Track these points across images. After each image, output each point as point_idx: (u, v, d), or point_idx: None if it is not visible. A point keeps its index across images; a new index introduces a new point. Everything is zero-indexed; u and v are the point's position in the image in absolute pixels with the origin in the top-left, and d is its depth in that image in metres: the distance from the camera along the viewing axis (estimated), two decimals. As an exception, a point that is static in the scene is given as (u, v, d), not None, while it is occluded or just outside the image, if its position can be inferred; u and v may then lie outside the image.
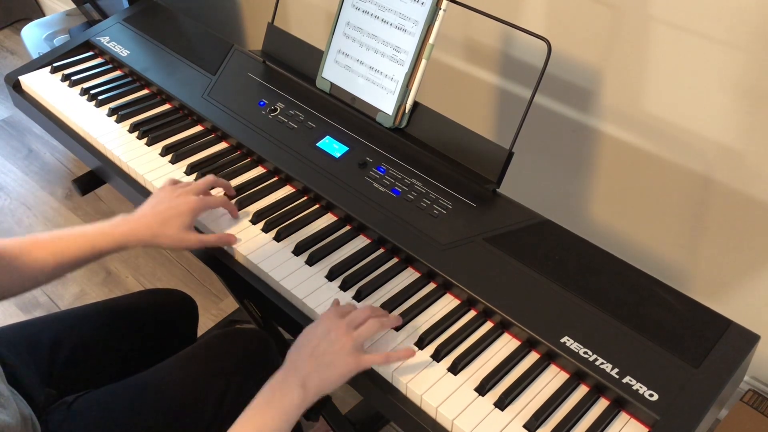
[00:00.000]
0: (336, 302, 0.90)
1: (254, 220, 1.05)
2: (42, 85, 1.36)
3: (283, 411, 0.78)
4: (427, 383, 0.82)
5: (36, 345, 1.03)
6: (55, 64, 1.40)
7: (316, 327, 0.84)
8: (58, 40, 2.35)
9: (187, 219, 0.97)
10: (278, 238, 1.01)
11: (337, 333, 0.82)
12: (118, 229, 0.95)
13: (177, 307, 1.23)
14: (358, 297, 0.92)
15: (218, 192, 1.09)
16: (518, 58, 1.50)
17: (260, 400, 0.79)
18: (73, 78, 1.36)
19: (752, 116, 1.20)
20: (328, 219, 1.05)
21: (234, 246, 1.00)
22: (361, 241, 1.02)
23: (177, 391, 1.00)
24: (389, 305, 0.91)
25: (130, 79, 1.38)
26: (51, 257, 0.91)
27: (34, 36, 2.37)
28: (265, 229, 1.03)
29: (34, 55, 2.31)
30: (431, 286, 0.95)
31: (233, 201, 1.07)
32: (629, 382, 0.79)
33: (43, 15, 3.12)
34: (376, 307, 0.89)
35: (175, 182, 1.05)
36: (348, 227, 1.04)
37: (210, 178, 1.06)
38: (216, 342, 1.08)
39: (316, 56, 1.23)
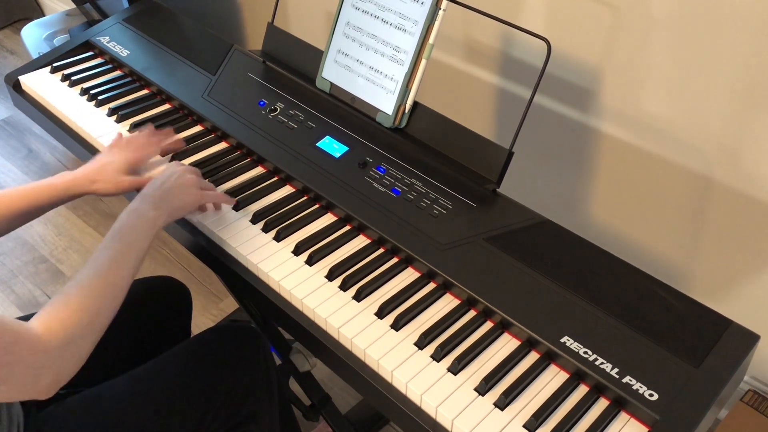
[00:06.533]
0: None
1: (254, 220, 1.05)
2: (42, 85, 1.36)
3: (140, 226, 0.90)
4: (427, 383, 0.82)
5: None
6: (55, 64, 1.40)
7: (165, 170, 1.02)
8: (58, 40, 2.35)
9: (122, 165, 1.08)
10: (278, 238, 1.01)
11: (184, 175, 1.00)
12: (60, 180, 1.05)
13: (170, 293, 1.25)
14: (358, 297, 0.92)
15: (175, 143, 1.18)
16: (518, 58, 1.50)
17: (119, 222, 0.90)
18: (73, 78, 1.36)
19: (752, 116, 1.20)
20: (328, 219, 1.05)
21: (234, 246, 1.00)
22: (361, 241, 1.02)
23: (169, 386, 1.01)
24: (389, 305, 0.91)
25: (130, 79, 1.38)
26: None
27: (34, 36, 2.38)
28: (265, 229, 1.03)
29: (34, 55, 2.31)
30: (431, 286, 0.95)
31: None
32: (629, 381, 0.79)
33: (43, 15, 3.12)
34: None
35: (120, 137, 1.14)
36: (348, 227, 1.04)
37: (147, 131, 1.15)
38: (207, 337, 1.10)
39: (316, 56, 1.23)
